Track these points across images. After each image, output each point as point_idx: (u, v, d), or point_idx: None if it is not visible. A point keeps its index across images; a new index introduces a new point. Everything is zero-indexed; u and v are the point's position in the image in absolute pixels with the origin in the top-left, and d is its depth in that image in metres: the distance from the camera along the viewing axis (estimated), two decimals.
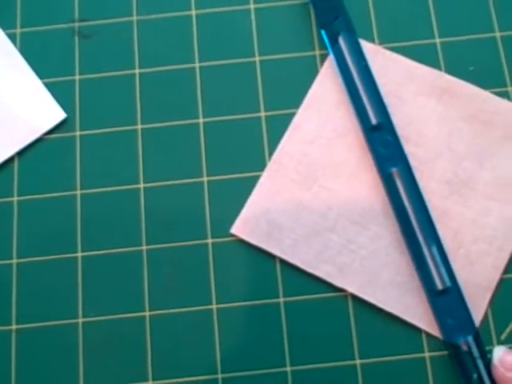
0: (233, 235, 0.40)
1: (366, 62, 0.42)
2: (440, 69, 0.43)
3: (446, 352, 0.38)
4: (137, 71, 0.43)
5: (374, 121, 0.41)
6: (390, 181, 0.40)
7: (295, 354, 0.39)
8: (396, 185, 0.40)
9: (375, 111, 0.41)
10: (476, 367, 0.37)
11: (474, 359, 0.37)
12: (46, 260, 0.40)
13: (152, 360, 0.39)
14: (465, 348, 0.37)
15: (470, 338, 0.37)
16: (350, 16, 0.43)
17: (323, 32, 0.43)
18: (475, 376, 0.36)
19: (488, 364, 0.37)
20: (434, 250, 0.39)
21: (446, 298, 0.38)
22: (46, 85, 0.43)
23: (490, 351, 0.37)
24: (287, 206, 0.41)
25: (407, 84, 0.42)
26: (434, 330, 0.38)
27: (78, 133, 0.42)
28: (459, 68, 0.43)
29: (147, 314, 0.39)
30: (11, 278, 0.40)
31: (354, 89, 0.42)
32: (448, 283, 0.38)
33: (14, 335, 0.39)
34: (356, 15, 0.43)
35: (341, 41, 0.42)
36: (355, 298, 0.39)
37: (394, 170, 0.40)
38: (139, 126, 0.42)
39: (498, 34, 0.43)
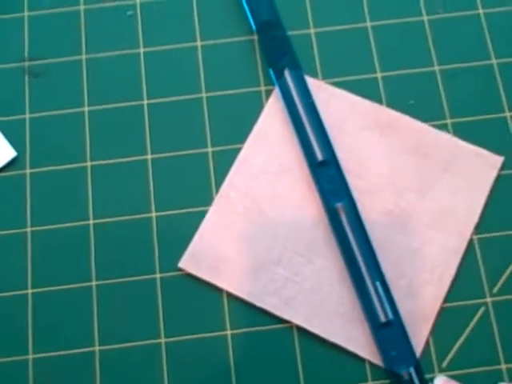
0: (180, 269, 0.41)
1: (312, 99, 0.43)
2: (381, 103, 0.44)
3: (388, 381, 0.39)
4: (86, 109, 0.44)
5: (319, 157, 0.42)
6: (335, 215, 0.41)
7: None
8: (340, 219, 0.41)
9: (321, 148, 0.42)
10: None
11: None
12: None
13: None
14: (406, 378, 0.38)
15: (412, 369, 0.38)
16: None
17: (271, 70, 0.44)
18: None
19: None
20: (377, 283, 0.40)
21: (388, 330, 0.39)
22: None
23: (431, 379, 0.38)
24: (234, 239, 0.41)
25: (350, 118, 0.44)
26: (377, 360, 0.39)
27: (28, 171, 0.43)
28: (400, 101, 0.44)
29: (96, 348, 0.40)
30: None
31: (300, 126, 0.43)
32: (390, 316, 0.39)
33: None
34: (298, 51, 0.44)
35: (288, 78, 0.43)
36: (301, 329, 0.40)
37: (339, 205, 0.41)
38: (88, 163, 0.43)
39: (436, 68, 0.45)
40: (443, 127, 0.43)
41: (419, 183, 0.42)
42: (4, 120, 0.44)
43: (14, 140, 0.43)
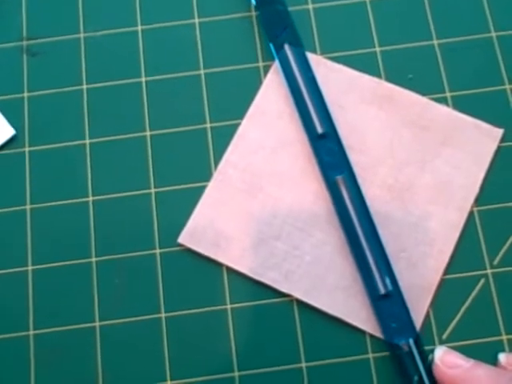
0: (180, 245, 0.41)
1: (313, 74, 0.43)
2: (380, 77, 0.44)
3: (388, 353, 0.39)
4: (84, 87, 0.44)
5: (319, 130, 0.42)
6: (335, 188, 0.41)
7: (243, 359, 0.39)
8: (340, 192, 0.41)
9: (321, 120, 0.42)
10: (417, 368, 0.38)
11: (414, 361, 0.38)
12: None
13: (102, 370, 0.39)
14: (406, 350, 0.38)
15: (411, 341, 0.38)
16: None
17: (271, 45, 0.44)
18: (416, 377, 0.37)
19: (429, 365, 0.38)
20: (377, 255, 0.40)
21: (388, 302, 0.39)
22: None
23: (432, 351, 0.38)
24: (233, 215, 0.41)
25: (349, 93, 0.44)
26: (377, 332, 0.39)
27: (27, 148, 0.43)
28: (399, 76, 0.44)
29: (97, 324, 0.40)
30: None
31: (300, 99, 0.43)
32: (390, 287, 0.39)
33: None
34: (297, 26, 0.44)
35: (288, 52, 0.43)
36: (301, 302, 0.40)
37: (339, 178, 0.41)
38: (87, 141, 0.43)
39: (435, 42, 0.44)
40: (443, 100, 0.43)
41: (418, 157, 0.42)
42: (2, 99, 0.44)
43: (13, 118, 0.43)
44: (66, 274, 0.41)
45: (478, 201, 0.41)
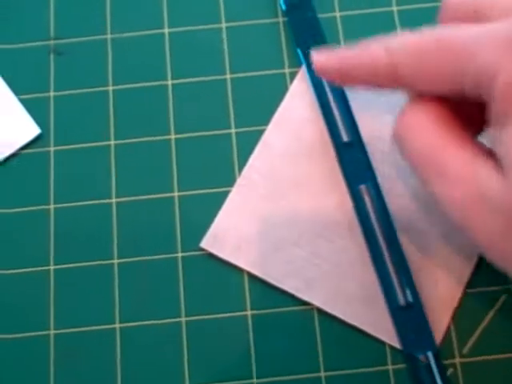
0: (202, 249, 0.41)
1: None
2: None
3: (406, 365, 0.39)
4: (110, 88, 0.44)
5: (345, 138, 0.42)
6: (358, 197, 0.41)
7: (262, 366, 0.39)
8: (364, 201, 0.41)
9: (346, 129, 0.42)
10: (435, 382, 0.37)
11: (432, 374, 0.37)
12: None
13: (122, 373, 0.39)
14: (424, 362, 0.38)
15: (430, 354, 0.38)
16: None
17: (299, 50, 0.44)
18: None
19: (447, 379, 0.37)
20: (398, 266, 0.40)
21: (407, 313, 0.39)
22: (22, 101, 0.44)
23: (451, 365, 0.38)
24: (255, 220, 0.41)
25: (375, 101, 0.43)
26: (397, 344, 0.39)
27: (52, 148, 0.43)
28: None
29: (117, 326, 0.40)
30: None
31: (326, 105, 0.43)
32: (410, 299, 0.39)
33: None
34: (325, 33, 0.44)
35: None
36: (321, 311, 0.40)
37: (363, 187, 0.41)
38: (112, 142, 0.43)
39: None
40: None
41: None
42: (29, 98, 0.44)
43: (39, 118, 0.44)
44: (87, 275, 0.41)
45: None
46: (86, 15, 0.46)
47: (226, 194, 0.42)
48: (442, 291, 0.40)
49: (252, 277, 0.41)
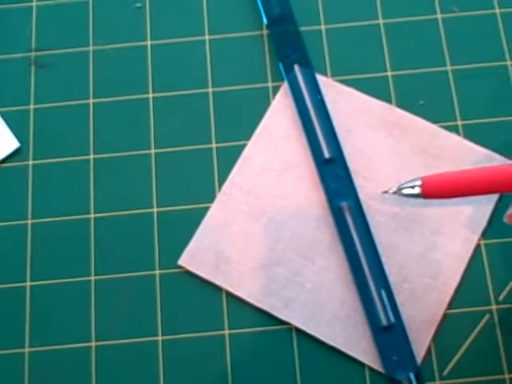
0: (180, 267, 0.40)
1: (322, 96, 0.42)
2: (391, 102, 0.43)
3: None
4: (91, 101, 0.44)
5: (326, 154, 0.41)
6: (340, 215, 0.40)
7: None
8: (345, 219, 0.40)
9: (328, 145, 0.41)
10: None
11: None
12: None
13: None
14: None
15: (412, 375, 0.37)
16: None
17: (280, 65, 0.43)
18: None
19: None
20: (380, 285, 0.39)
21: (389, 334, 0.38)
22: (1, 114, 0.43)
23: None
24: (235, 238, 0.41)
25: (358, 117, 0.43)
26: (377, 365, 0.38)
27: (30, 162, 0.43)
28: (410, 101, 0.43)
29: (93, 344, 0.39)
30: None
31: (308, 121, 0.42)
32: (392, 320, 0.38)
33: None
34: (309, 48, 0.43)
35: (297, 73, 0.43)
36: (300, 331, 0.39)
37: (344, 204, 0.40)
38: (91, 156, 0.43)
39: (449, 68, 0.44)
40: (453, 129, 0.42)
41: None
42: (9, 110, 0.44)
43: (18, 131, 0.43)
44: (64, 292, 0.40)
45: (486, 234, 0.40)
46: (67, 27, 0.46)
47: (205, 210, 0.41)
48: (423, 311, 0.39)
49: (231, 295, 0.40)
